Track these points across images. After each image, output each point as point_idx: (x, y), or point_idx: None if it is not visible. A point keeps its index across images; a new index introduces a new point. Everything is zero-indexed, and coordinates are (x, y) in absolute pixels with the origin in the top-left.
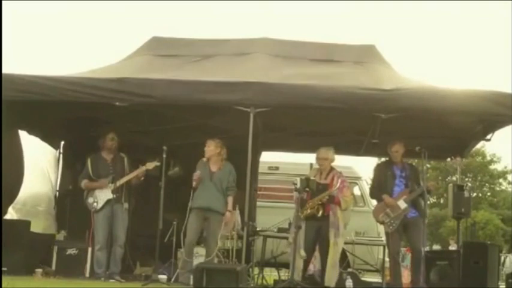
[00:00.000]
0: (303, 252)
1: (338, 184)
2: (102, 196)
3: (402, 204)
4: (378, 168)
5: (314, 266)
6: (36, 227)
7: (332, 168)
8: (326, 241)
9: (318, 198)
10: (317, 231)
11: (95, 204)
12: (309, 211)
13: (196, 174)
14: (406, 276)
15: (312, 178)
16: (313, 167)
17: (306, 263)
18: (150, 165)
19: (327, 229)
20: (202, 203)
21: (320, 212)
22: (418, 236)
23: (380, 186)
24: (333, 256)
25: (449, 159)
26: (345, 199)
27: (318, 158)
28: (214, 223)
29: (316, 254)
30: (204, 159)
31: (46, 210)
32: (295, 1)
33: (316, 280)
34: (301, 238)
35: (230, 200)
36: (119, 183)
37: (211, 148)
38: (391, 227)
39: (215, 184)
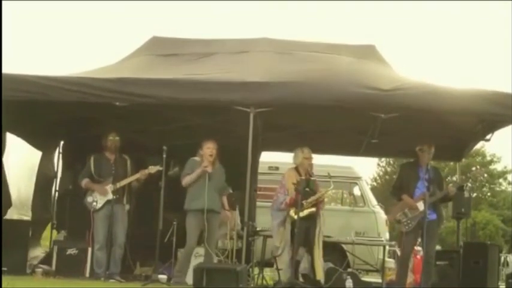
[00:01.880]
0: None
1: (332, 186)
2: (101, 196)
3: (421, 205)
4: (403, 168)
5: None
6: None
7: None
8: (313, 240)
9: (316, 198)
10: (306, 232)
11: (94, 203)
12: (306, 212)
13: (206, 165)
14: None
15: (312, 178)
16: (289, 168)
17: (297, 262)
18: (153, 169)
19: (314, 228)
20: (203, 204)
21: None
22: (433, 240)
23: (402, 186)
24: (321, 253)
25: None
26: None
27: (307, 158)
28: (214, 223)
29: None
30: (196, 158)
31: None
32: (295, 1)
33: (310, 278)
34: (288, 238)
35: (225, 199)
36: (119, 184)
37: (215, 151)
38: (406, 227)
39: (212, 184)
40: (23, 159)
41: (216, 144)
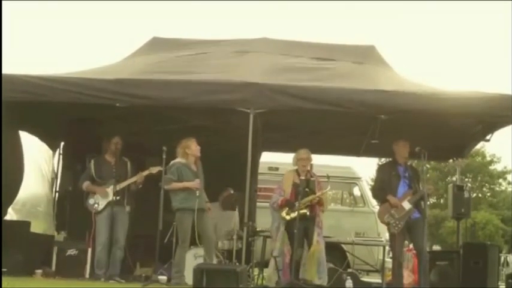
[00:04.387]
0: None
1: (329, 187)
2: (102, 198)
3: (407, 205)
4: (382, 169)
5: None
6: (37, 228)
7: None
8: (311, 242)
9: (309, 199)
10: (304, 232)
11: (96, 205)
12: (301, 211)
13: (198, 183)
14: (405, 277)
15: (311, 179)
16: (290, 169)
17: (297, 263)
18: (154, 170)
19: (313, 229)
20: (196, 204)
21: (308, 213)
22: (422, 237)
23: (383, 187)
24: (318, 254)
25: (451, 160)
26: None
27: (302, 159)
28: (206, 220)
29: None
30: (182, 160)
31: (46, 211)
32: (295, 1)
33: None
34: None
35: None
36: (119, 186)
37: (198, 148)
38: (396, 228)
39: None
40: (34, 159)
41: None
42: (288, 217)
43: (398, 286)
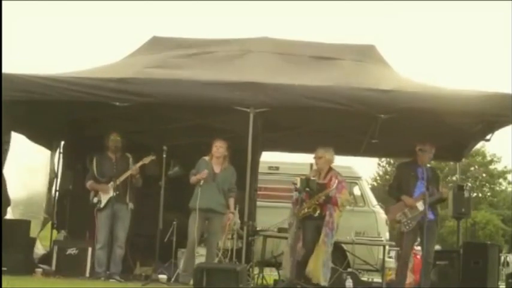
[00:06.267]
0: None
1: (335, 184)
2: (104, 195)
3: (421, 205)
4: (401, 168)
5: None
6: (34, 228)
7: (331, 169)
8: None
9: (314, 199)
10: (316, 231)
11: (99, 203)
12: (306, 210)
13: (205, 173)
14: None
15: (312, 178)
16: (313, 168)
17: (300, 263)
18: (147, 160)
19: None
20: (204, 203)
21: (317, 212)
22: (433, 240)
23: (400, 186)
24: (322, 256)
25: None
26: (340, 199)
27: (314, 157)
28: (215, 224)
29: None
30: (207, 158)
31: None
32: (295, 1)
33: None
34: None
35: (232, 201)
36: (118, 181)
37: (223, 150)
38: (407, 227)
39: (217, 185)
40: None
41: (226, 143)
42: (300, 214)
43: (399, 286)
